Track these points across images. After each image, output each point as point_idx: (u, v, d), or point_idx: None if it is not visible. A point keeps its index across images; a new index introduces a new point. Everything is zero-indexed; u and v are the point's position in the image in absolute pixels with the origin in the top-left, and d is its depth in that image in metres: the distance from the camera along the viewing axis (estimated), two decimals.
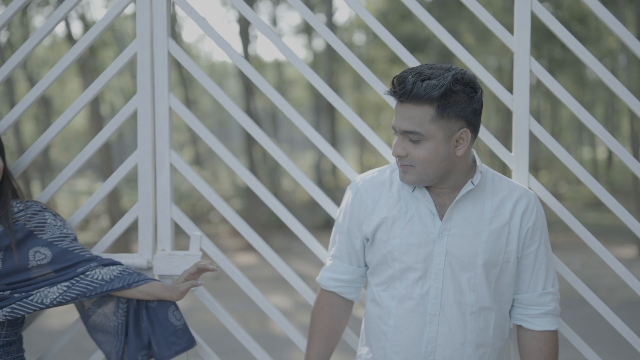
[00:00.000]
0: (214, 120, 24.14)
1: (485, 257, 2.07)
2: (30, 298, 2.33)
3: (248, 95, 14.21)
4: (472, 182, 2.07)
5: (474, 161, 2.13)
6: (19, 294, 2.33)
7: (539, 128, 2.50)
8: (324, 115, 17.72)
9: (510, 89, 9.27)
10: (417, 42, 15.12)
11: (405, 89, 1.95)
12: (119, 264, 2.46)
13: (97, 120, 12.44)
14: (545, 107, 23.36)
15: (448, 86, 1.93)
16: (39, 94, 2.65)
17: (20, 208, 2.43)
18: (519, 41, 2.49)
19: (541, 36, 14.81)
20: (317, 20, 2.62)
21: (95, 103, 12.59)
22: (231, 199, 17.02)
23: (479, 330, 2.10)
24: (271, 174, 17.51)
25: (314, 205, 16.68)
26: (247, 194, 14.02)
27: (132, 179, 12.65)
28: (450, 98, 1.94)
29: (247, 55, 14.76)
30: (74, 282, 2.36)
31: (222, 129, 23.57)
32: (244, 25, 14.71)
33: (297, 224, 2.64)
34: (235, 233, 13.74)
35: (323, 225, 15.07)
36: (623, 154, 2.51)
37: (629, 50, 13.72)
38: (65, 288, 2.35)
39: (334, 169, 19.17)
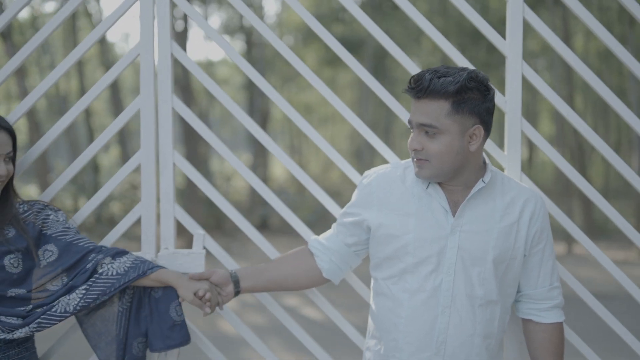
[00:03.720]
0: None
1: (495, 253, 2.18)
2: (53, 310, 2.33)
3: (186, 96, 14.12)
4: (483, 180, 2.18)
5: (484, 163, 2.24)
6: (40, 308, 2.33)
7: (531, 129, 2.63)
8: (258, 115, 17.75)
9: None
10: (351, 44, 15.30)
11: (423, 85, 2.07)
12: (125, 251, 2.47)
13: None
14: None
15: (463, 82, 2.05)
16: (35, 99, 2.67)
17: (25, 209, 2.43)
18: (511, 46, 2.62)
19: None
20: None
21: None
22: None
23: (486, 322, 2.21)
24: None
25: (251, 205, 16.75)
26: (186, 195, 13.93)
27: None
28: (465, 94, 2.06)
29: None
30: (90, 283, 2.36)
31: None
32: (184, 26, 14.67)
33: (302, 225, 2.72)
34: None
35: (259, 226, 15.11)
36: (611, 155, 2.66)
37: (553, 52, 14.30)
38: (84, 292, 2.35)
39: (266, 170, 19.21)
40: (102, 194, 2.69)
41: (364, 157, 18.61)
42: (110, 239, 2.65)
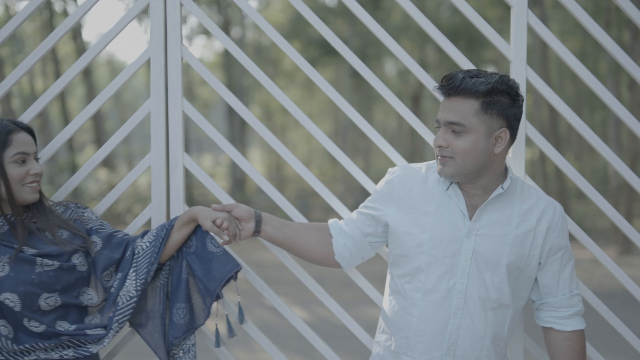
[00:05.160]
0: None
1: (510, 258, 2.21)
2: (120, 304, 2.37)
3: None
4: (502, 187, 2.21)
5: (506, 170, 2.28)
6: (111, 312, 2.37)
7: (534, 131, 2.70)
8: (235, 115, 17.70)
9: None
10: (331, 46, 15.31)
11: (455, 83, 2.12)
12: (148, 230, 2.55)
13: None
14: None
15: (495, 84, 2.10)
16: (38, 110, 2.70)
17: (62, 209, 2.46)
18: (516, 50, 2.68)
19: None
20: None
21: None
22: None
23: (497, 324, 2.24)
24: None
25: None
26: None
27: None
28: (495, 96, 2.11)
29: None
30: (135, 264, 2.40)
31: None
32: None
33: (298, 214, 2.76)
34: None
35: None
36: (614, 159, 2.72)
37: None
38: (134, 274, 2.40)
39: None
40: (114, 194, 2.72)
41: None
42: None
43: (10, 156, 2.26)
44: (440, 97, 2.26)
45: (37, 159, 2.36)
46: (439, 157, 2.20)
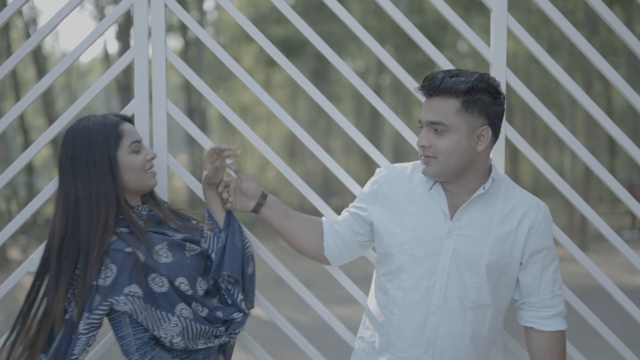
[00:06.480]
0: None
1: (490, 259, 2.22)
2: (230, 292, 2.41)
3: (123, 97, 14.00)
4: (483, 187, 2.23)
5: (491, 169, 2.29)
6: (225, 302, 2.41)
7: (516, 135, 2.75)
8: (197, 115, 17.66)
9: None
10: (292, 45, 15.38)
11: (435, 83, 2.14)
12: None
13: None
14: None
15: (474, 83, 2.12)
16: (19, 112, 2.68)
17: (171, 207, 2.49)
18: (496, 53, 2.73)
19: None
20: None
21: None
22: None
23: (476, 324, 2.26)
24: None
25: (191, 205, 16.66)
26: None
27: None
28: (475, 94, 2.13)
29: None
30: (205, 242, 2.44)
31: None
32: (126, 26, 14.53)
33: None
34: None
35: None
36: (590, 160, 2.78)
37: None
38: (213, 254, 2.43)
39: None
40: None
41: (298, 156, 18.71)
42: None
43: (127, 147, 2.24)
44: (422, 98, 2.29)
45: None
46: (423, 157, 2.22)
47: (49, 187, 2.63)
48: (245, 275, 2.49)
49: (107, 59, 19.61)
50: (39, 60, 16.48)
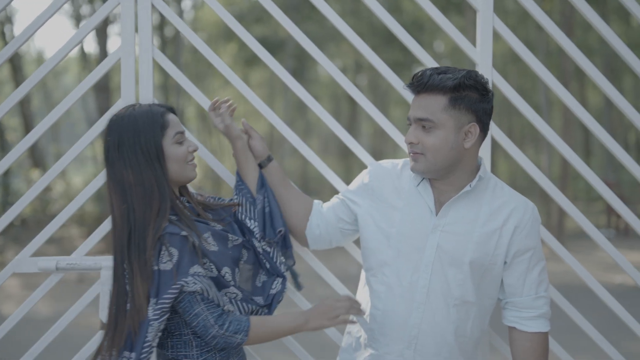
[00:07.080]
0: None
1: (473, 256, 2.23)
2: (269, 254, 2.44)
3: (102, 97, 13.92)
4: (470, 184, 2.25)
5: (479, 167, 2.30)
6: (264, 267, 2.43)
7: (500, 133, 2.77)
8: (178, 114, 17.56)
9: None
10: (271, 44, 15.37)
11: (422, 80, 2.16)
12: None
13: None
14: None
15: (462, 80, 2.14)
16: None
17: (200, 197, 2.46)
18: (482, 53, 2.76)
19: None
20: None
21: None
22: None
23: (459, 321, 2.26)
24: None
25: None
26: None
27: None
28: (463, 91, 2.15)
29: (105, 53, 14.45)
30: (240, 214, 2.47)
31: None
32: (103, 26, 14.44)
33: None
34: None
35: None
36: (575, 160, 2.82)
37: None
38: (255, 229, 2.45)
39: None
40: (83, 196, 2.71)
41: (276, 155, 18.69)
42: (93, 239, 2.68)
43: (172, 137, 2.21)
44: (410, 96, 2.30)
45: None
46: (411, 154, 2.23)
47: (33, 189, 2.63)
48: (287, 231, 2.52)
49: (84, 58, 19.42)
50: (14, 59, 16.33)
